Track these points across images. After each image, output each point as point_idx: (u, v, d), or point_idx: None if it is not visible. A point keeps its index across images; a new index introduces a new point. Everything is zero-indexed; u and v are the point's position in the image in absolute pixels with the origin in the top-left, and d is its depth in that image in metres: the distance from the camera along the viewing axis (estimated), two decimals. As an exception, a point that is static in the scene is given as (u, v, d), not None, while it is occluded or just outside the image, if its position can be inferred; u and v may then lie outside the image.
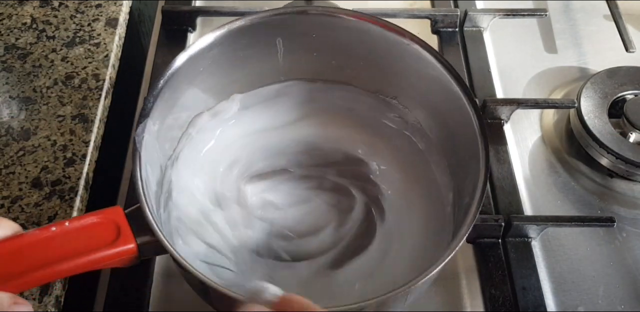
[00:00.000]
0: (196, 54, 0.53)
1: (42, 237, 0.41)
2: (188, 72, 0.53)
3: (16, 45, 0.67)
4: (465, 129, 0.51)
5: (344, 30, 0.56)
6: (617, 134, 0.65)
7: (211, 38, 0.53)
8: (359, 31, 0.55)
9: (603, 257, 0.60)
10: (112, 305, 0.55)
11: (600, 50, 0.77)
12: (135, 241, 0.43)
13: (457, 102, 0.51)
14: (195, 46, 0.53)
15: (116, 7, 0.72)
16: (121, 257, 0.43)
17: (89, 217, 0.43)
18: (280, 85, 0.61)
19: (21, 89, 0.64)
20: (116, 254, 0.43)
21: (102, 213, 0.44)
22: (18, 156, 0.59)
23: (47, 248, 0.41)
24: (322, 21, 0.56)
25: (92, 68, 0.66)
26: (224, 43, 0.54)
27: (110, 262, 0.44)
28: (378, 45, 0.56)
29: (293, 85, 0.62)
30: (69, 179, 0.58)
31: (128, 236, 0.43)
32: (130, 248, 0.43)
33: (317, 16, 0.55)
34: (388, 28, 0.54)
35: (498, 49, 0.76)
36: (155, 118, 0.50)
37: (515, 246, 0.59)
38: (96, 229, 0.43)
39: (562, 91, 0.73)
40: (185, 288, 0.56)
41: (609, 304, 0.57)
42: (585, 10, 0.81)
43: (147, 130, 0.49)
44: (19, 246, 0.41)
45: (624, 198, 0.65)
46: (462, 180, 0.53)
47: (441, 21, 0.76)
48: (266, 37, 0.57)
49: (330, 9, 0.55)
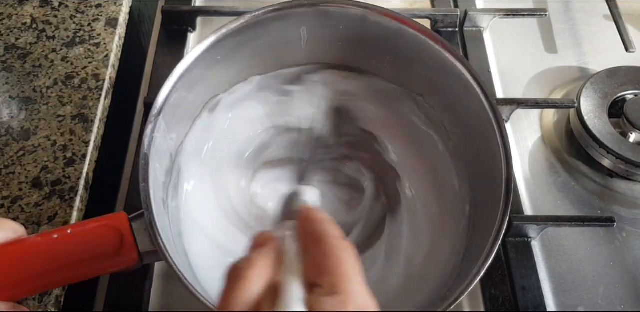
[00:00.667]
0: (214, 43, 0.52)
1: (43, 245, 0.40)
2: (204, 63, 0.52)
3: (16, 45, 0.67)
4: (487, 141, 0.50)
5: (374, 25, 0.55)
6: (617, 134, 0.65)
7: (233, 26, 0.52)
8: (389, 29, 0.54)
9: (603, 257, 0.60)
10: (111, 305, 0.54)
11: (600, 50, 0.77)
12: (137, 251, 0.42)
13: (482, 114, 0.51)
14: (214, 36, 0.51)
15: (116, 7, 0.71)
16: (123, 266, 0.43)
17: (92, 223, 0.42)
18: (302, 68, 0.59)
19: (21, 89, 0.64)
20: (118, 264, 0.42)
21: (106, 220, 0.42)
22: (18, 155, 0.59)
23: (48, 257, 0.40)
24: (350, 14, 0.54)
25: (92, 68, 0.66)
26: (244, 33, 0.53)
27: (112, 271, 0.43)
28: (408, 46, 0.55)
29: (316, 69, 0.60)
30: (69, 179, 0.58)
31: (131, 246, 0.42)
32: (133, 257, 0.42)
33: (346, 9, 0.54)
34: (423, 32, 0.53)
35: (498, 49, 0.76)
36: (166, 114, 0.49)
37: (515, 246, 0.59)
38: (99, 237, 0.41)
39: (562, 91, 0.73)
40: (184, 288, 0.56)
41: (609, 304, 0.57)
42: (585, 10, 0.81)
43: (157, 129, 0.48)
44: (20, 254, 0.39)
45: (624, 198, 0.65)
46: (480, 192, 0.52)
47: (441, 21, 0.76)
48: (290, 28, 0.55)
49: (363, 4, 0.54)
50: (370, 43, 0.57)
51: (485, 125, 0.51)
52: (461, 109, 0.55)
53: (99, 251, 0.41)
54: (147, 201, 0.44)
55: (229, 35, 0.52)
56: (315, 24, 0.56)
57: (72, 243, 0.41)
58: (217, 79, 0.57)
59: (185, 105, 0.53)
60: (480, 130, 0.52)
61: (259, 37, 0.55)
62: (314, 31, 0.56)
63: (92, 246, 0.41)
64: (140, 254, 0.42)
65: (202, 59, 0.51)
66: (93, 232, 0.41)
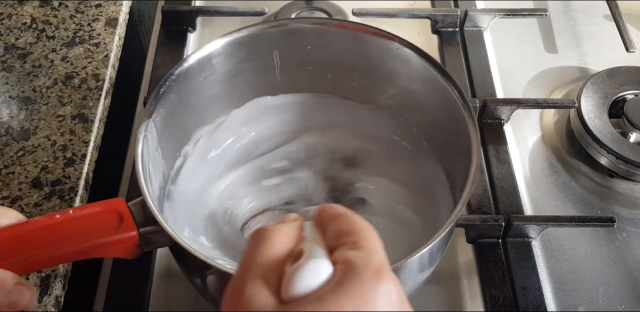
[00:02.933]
0: (196, 63, 0.54)
1: (46, 223, 0.43)
2: (189, 81, 0.54)
3: (16, 45, 0.67)
4: (459, 126, 0.51)
5: (336, 40, 0.57)
6: (618, 134, 0.65)
7: (211, 48, 0.54)
8: (350, 40, 0.56)
9: (603, 257, 0.60)
10: (111, 305, 0.54)
11: (601, 50, 0.77)
12: (137, 229, 0.44)
13: (449, 99, 0.52)
14: (195, 56, 0.54)
15: (116, 7, 0.71)
16: (123, 244, 0.44)
17: (93, 206, 0.45)
18: (277, 98, 0.61)
19: (21, 89, 0.64)
20: (118, 241, 0.44)
21: (105, 203, 0.45)
22: (18, 155, 0.59)
23: (51, 233, 0.42)
24: (314, 32, 0.57)
25: (92, 68, 0.66)
26: (222, 54, 0.55)
27: (113, 250, 0.44)
28: (369, 53, 0.57)
29: (290, 98, 0.61)
30: (69, 179, 0.57)
31: (130, 224, 0.44)
32: (132, 235, 0.44)
33: (309, 26, 0.57)
34: (377, 34, 0.55)
35: (498, 49, 0.76)
36: (157, 120, 0.51)
37: (515, 246, 0.59)
38: (99, 217, 0.44)
39: (562, 91, 0.73)
40: (184, 288, 0.56)
41: (609, 304, 0.57)
42: (585, 10, 0.81)
43: (149, 130, 0.50)
44: (24, 231, 0.42)
45: (625, 198, 0.65)
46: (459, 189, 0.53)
47: (441, 21, 0.76)
48: (263, 50, 0.57)
49: (320, 20, 0.59)
50: (338, 60, 0.59)
51: (453, 107, 0.52)
52: (429, 102, 0.56)
53: (100, 228, 0.44)
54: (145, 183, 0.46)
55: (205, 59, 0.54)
56: (286, 44, 0.57)
57: (73, 221, 0.43)
58: (201, 104, 0.58)
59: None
60: (449, 116, 0.53)
61: (238, 61, 0.57)
62: (286, 55, 0.58)
63: (93, 224, 0.44)
64: (140, 234, 0.44)
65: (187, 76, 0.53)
66: (93, 212, 0.44)
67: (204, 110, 0.58)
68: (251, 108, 0.61)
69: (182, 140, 0.58)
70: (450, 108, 0.52)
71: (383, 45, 0.55)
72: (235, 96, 0.60)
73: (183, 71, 0.53)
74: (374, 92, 0.60)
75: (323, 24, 0.57)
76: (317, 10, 0.76)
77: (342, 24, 0.56)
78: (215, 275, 0.46)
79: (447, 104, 0.52)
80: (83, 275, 0.56)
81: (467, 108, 0.50)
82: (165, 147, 0.54)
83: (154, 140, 0.51)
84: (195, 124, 0.59)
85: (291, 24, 0.57)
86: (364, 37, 0.56)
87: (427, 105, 0.56)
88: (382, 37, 0.55)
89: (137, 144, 0.48)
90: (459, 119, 0.51)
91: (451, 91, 0.52)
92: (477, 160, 0.47)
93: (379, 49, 0.56)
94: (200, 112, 0.58)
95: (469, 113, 0.50)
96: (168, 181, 0.56)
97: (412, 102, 0.58)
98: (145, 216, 0.45)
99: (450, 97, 0.52)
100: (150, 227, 0.44)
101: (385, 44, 0.55)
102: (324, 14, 0.76)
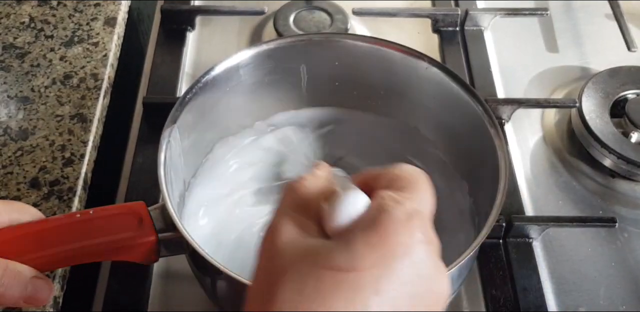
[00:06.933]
0: (223, 73, 0.54)
1: (65, 222, 0.43)
2: (215, 89, 0.54)
3: (14, 44, 0.67)
4: (484, 148, 0.50)
5: (364, 57, 0.56)
6: (619, 133, 0.65)
7: (239, 58, 0.54)
8: (378, 58, 0.56)
9: (604, 258, 0.60)
10: (110, 305, 0.54)
11: (602, 49, 0.76)
12: (156, 234, 0.44)
13: (477, 121, 0.51)
14: (222, 65, 0.53)
15: (115, 6, 0.71)
16: (141, 248, 0.44)
17: (113, 208, 0.45)
18: (301, 111, 0.61)
19: (19, 89, 0.64)
20: (137, 245, 0.44)
21: (126, 206, 0.46)
22: (16, 156, 0.59)
23: (69, 232, 0.43)
24: (342, 47, 0.57)
25: (90, 67, 0.66)
26: (249, 64, 0.55)
27: (130, 253, 0.44)
28: (397, 72, 0.56)
29: (316, 112, 0.61)
30: (68, 179, 0.57)
31: (150, 228, 0.44)
32: (151, 240, 0.44)
33: (338, 41, 0.57)
34: (406, 52, 0.55)
35: (499, 49, 0.76)
36: (182, 126, 0.51)
37: (516, 247, 0.59)
38: (119, 219, 0.44)
39: (563, 91, 0.72)
40: (183, 288, 0.56)
41: (610, 304, 0.57)
42: (586, 9, 0.81)
43: (172, 136, 0.50)
44: (43, 228, 0.42)
45: (626, 198, 0.64)
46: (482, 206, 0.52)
47: (442, 20, 0.76)
48: (290, 63, 0.57)
49: (350, 36, 0.58)
50: (365, 77, 0.58)
51: (481, 129, 0.51)
52: (455, 121, 0.55)
53: (119, 230, 0.44)
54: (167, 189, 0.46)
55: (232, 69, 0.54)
56: (314, 59, 0.57)
57: (93, 221, 0.44)
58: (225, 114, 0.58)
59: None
60: (476, 138, 0.52)
61: (265, 74, 0.57)
62: (313, 70, 0.58)
63: (113, 225, 0.44)
64: (159, 239, 0.44)
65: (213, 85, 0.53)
66: (113, 214, 0.44)
67: (228, 119, 0.58)
68: (275, 120, 0.61)
69: (205, 148, 0.58)
70: (479, 132, 0.51)
71: (411, 64, 0.55)
72: (260, 108, 0.60)
73: (210, 79, 0.53)
74: (401, 113, 0.60)
75: (352, 39, 0.57)
76: (317, 10, 0.76)
77: (372, 41, 0.56)
78: (232, 284, 0.44)
79: (474, 127, 0.52)
80: (82, 275, 0.56)
81: (498, 133, 0.49)
82: (188, 154, 0.53)
83: (177, 146, 0.50)
84: (218, 132, 0.59)
85: (319, 38, 0.57)
86: (393, 55, 0.55)
87: (453, 126, 0.56)
88: (412, 56, 0.55)
89: (159, 150, 0.48)
90: (487, 143, 0.50)
91: (481, 115, 0.51)
92: (504, 184, 0.46)
93: (408, 67, 0.55)
94: (224, 121, 0.58)
95: (499, 139, 0.49)
96: (188, 188, 0.56)
97: (439, 122, 0.58)
98: (165, 222, 0.44)
99: (478, 120, 0.51)
100: (170, 233, 0.44)
101: (414, 62, 0.55)
102: (324, 14, 0.75)
